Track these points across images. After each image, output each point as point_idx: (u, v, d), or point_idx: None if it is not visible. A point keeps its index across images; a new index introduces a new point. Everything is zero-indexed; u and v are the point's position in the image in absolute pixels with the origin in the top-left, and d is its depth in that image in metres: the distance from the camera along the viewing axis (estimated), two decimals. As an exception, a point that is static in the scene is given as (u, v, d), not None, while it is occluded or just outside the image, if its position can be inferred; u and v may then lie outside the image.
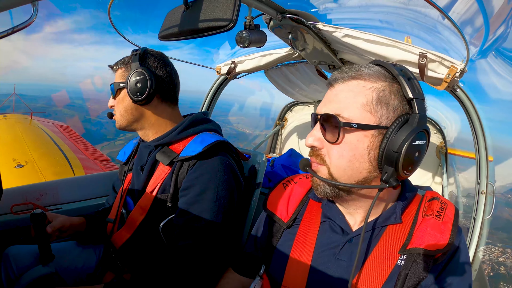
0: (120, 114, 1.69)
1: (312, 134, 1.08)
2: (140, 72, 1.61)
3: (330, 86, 1.10)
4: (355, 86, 1.03)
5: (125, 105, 1.67)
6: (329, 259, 1.11)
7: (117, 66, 1.72)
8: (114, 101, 1.71)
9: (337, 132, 1.02)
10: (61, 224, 1.63)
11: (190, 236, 1.45)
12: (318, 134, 1.06)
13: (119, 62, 1.73)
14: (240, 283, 1.36)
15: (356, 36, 1.74)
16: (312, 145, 1.08)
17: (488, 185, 1.86)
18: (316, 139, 1.07)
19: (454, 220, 1.05)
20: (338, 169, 1.04)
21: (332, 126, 1.04)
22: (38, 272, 1.56)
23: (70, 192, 2.22)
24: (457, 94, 1.85)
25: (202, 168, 1.52)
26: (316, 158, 1.08)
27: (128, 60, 1.70)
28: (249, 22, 1.48)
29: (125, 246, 1.64)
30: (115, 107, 1.71)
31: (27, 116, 10.06)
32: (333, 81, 1.09)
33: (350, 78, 1.05)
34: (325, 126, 1.06)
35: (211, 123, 1.76)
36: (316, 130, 1.07)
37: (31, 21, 0.87)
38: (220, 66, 3.02)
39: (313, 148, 1.09)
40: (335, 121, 1.02)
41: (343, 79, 1.06)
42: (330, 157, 1.04)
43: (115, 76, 1.72)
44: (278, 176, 2.74)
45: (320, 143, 1.06)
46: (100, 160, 7.51)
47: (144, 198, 1.62)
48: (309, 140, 1.08)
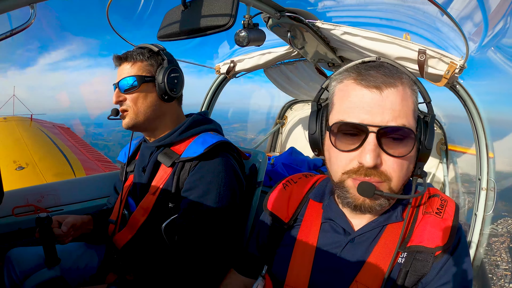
0: (139, 110, 1.61)
1: (370, 152, 0.92)
2: (176, 69, 1.63)
3: (376, 90, 0.95)
4: (403, 91, 0.97)
5: (149, 101, 1.62)
6: (331, 259, 1.11)
7: (136, 58, 1.63)
8: (126, 95, 1.61)
9: (408, 146, 0.96)
10: (73, 223, 1.64)
11: (193, 237, 1.45)
12: (377, 150, 0.93)
13: (135, 53, 1.63)
14: (242, 283, 1.36)
15: (355, 34, 1.73)
16: (376, 165, 0.94)
17: (489, 181, 1.86)
18: (377, 156, 0.93)
19: (454, 217, 1.05)
20: (399, 184, 0.99)
21: (399, 138, 0.95)
22: (43, 276, 1.56)
23: (71, 194, 2.22)
24: (457, 90, 1.85)
25: (204, 169, 1.52)
26: (379, 177, 0.96)
27: (149, 53, 1.64)
28: (247, 21, 1.48)
29: (127, 246, 1.64)
30: (129, 103, 1.61)
31: (27, 118, 10.06)
32: (385, 85, 0.95)
33: (397, 82, 0.97)
34: (387, 139, 0.95)
35: (212, 123, 1.76)
36: (372, 144, 0.92)
37: (29, 23, 0.87)
38: (219, 65, 3.02)
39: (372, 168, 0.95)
40: (408, 133, 0.95)
41: (390, 83, 0.95)
42: (393, 172, 0.96)
43: (128, 67, 1.62)
44: (279, 174, 2.74)
45: (381, 160, 0.95)
46: (101, 161, 7.51)
47: (146, 199, 1.61)
48: (370, 160, 0.92)
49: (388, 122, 0.93)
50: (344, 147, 0.98)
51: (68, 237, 1.62)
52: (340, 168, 1.00)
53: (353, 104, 0.97)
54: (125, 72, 1.60)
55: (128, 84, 1.59)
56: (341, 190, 1.02)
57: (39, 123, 9.92)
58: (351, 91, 0.98)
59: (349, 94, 0.99)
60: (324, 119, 1.08)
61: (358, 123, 0.94)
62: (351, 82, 1.00)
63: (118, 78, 1.63)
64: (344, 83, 1.02)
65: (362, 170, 0.96)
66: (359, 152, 0.95)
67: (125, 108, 1.62)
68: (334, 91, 1.06)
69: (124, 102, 1.61)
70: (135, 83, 1.59)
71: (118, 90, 1.61)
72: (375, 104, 0.94)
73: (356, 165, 0.97)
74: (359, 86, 0.97)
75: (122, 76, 1.60)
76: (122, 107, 1.62)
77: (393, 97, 0.94)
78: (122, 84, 1.60)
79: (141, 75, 1.59)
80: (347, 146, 0.98)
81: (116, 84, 1.62)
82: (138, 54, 1.62)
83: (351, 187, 0.99)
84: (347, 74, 1.03)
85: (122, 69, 1.62)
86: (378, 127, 0.92)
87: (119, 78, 1.61)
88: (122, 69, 1.62)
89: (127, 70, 1.61)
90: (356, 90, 0.97)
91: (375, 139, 0.92)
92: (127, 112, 1.62)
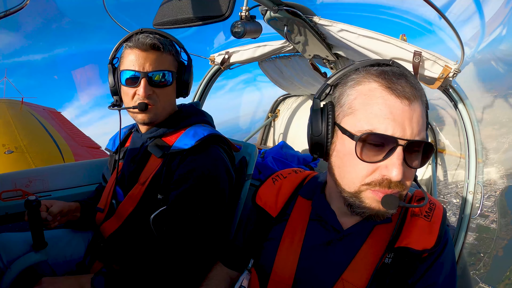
0: (163, 106, 1.57)
1: (398, 166, 0.90)
2: (191, 67, 1.63)
3: (406, 101, 0.92)
4: (422, 104, 0.96)
5: (171, 97, 1.62)
6: (318, 256, 1.12)
7: (169, 50, 1.55)
8: (155, 89, 1.53)
9: (428, 158, 0.97)
10: (60, 208, 1.62)
11: (181, 228, 1.45)
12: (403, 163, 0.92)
13: (168, 44, 1.54)
14: (228, 276, 1.36)
15: (351, 31, 1.74)
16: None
17: (476, 185, 1.88)
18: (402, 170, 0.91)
19: (442, 220, 1.07)
20: (407, 192, 1.00)
21: (420, 152, 0.95)
22: (30, 259, 1.54)
23: (60, 179, 2.20)
24: (450, 94, 1.86)
25: (194, 162, 1.52)
26: (400, 188, 0.94)
27: (171, 46, 1.58)
28: (244, 13, 1.47)
29: (113, 236, 1.64)
30: (156, 97, 1.53)
31: (18, 101, 9.90)
32: (413, 97, 0.93)
33: (421, 94, 0.96)
34: (410, 151, 0.93)
35: (203, 115, 1.75)
36: (401, 158, 0.90)
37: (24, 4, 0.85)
38: (214, 56, 3.00)
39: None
40: (431, 148, 0.96)
41: (417, 96, 0.94)
42: (408, 182, 0.96)
43: (159, 59, 1.51)
44: (269, 168, 2.75)
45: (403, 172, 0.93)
46: (90, 147, 7.43)
47: (135, 189, 1.61)
48: (399, 174, 0.90)
49: (415, 135, 0.91)
50: (368, 158, 0.94)
51: (54, 222, 1.60)
52: (359, 178, 0.96)
53: (383, 113, 0.92)
54: (157, 63, 1.51)
55: (163, 79, 1.52)
56: (356, 200, 0.99)
57: (30, 106, 9.76)
58: (380, 98, 0.93)
59: (378, 102, 0.93)
60: (331, 120, 1.02)
61: (391, 135, 0.90)
62: (378, 88, 0.94)
63: (144, 66, 1.49)
64: (366, 87, 0.96)
65: (386, 183, 0.93)
66: (384, 164, 0.93)
67: (151, 102, 1.53)
68: (349, 93, 1.00)
69: (151, 96, 1.52)
70: (169, 78, 1.53)
71: (147, 83, 1.49)
72: (406, 117, 0.91)
73: (379, 177, 0.94)
74: (389, 95, 0.92)
75: (154, 68, 1.50)
76: (146, 100, 1.52)
77: (419, 110, 0.93)
78: (155, 77, 1.50)
79: (173, 71, 1.56)
80: (371, 157, 0.93)
81: (145, 74, 1.49)
82: (170, 45, 1.56)
83: (370, 198, 0.96)
84: (368, 76, 0.98)
85: (152, 59, 1.50)
86: (407, 141, 0.90)
87: (151, 68, 1.50)
88: (152, 59, 1.50)
89: (159, 61, 1.51)
90: (386, 99, 0.92)
91: (403, 152, 0.90)
92: (151, 107, 1.53)
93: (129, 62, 1.50)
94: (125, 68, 1.51)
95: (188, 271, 1.47)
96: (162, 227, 1.49)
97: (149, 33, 1.54)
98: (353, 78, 1.01)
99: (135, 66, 1.48)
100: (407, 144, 0.90)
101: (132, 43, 1.50)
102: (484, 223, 22.55)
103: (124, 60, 1.53)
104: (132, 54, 1.50)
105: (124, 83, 1.52)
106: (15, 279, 1.48)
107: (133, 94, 1.52)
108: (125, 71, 1.50)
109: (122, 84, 1.54)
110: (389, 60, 1.04)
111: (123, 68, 1.52)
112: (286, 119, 4.25)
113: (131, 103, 1.53)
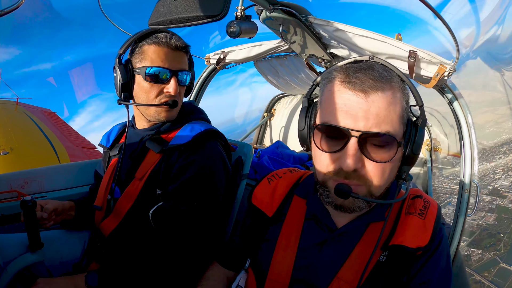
0: (180, 104, 1.64)
1: (350, 156, 0.93)
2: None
3: (363, 94, 0.94)
4: (391, 96, 0.96)
5: (182, 97, 1.67)
6: (314, 254, 1.13)
7: (188, 52, 1.63)
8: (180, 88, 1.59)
9: (390, 152, 0.96)
10: (54, 208, 1.62)
11: (179, 220, 1.46)
12: (358, 154, 0.94)
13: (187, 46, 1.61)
14: (225, 276, 1.36)
15: (347, 31, 1.74)
16: (356, 169, 0.95)
17: (471, 184, 1.89)
18: (358, 161, 0.94)
19: (436, 218, 1.08)
20: (379, 187, 1.00)
21: (381, 144, 0.95)
22: (26, 260, 1.53)
23: (56, 180, 2.19)
24: (445, 93, 1.87)
25: (192, 156, 1.53)
26: (358, 180, 0.97)
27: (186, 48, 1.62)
28: (240, 12, 1.47)
29: (113, 234, 1.64)
30: (180, 96, 1.62)
31: (13, 102, 9.82)
32: (372, 89, 0.94)
33: (386, 86, 0.95)
34: (368, 144, 0.95)
35: (200, 113, 1.77)
36: (353, 149, 0.93)
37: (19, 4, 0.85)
38: (209, 56, 2.99)
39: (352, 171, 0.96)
40: (390, 140, 0.95)
41: (378, 88, 0.94)
42: (373, 176, 0.97)
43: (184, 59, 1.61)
44: (265, 168, 2.75)
45: (361, 164, 0.96)
46: (86, 147, 7.39)
47: (132, 185, 1.61)
48: (350, 164, 0.93)
49: (371, 128, 0.93)
50: (326, 148, 0.99)
51: (50, 221, 1.60)
52: (323, 168, 1.01)
53: (338, 106, 0.96)
54: (183, 64, 1.58)
55: (186, 79, 1.60)
56: (323, 190, 1.04)
57: (24, 107, 9.69)
58: (337, 92, 0.98)
59: (335, 96, 0.98)
60: (312, 116, 1.09)
61: (341, 127, 0.94)
62: (338, 83, 0.99)
63: (173, 64, 1.54)
64: (332, 83, 1.01)
65: (343, 173, 0.97)
66: (340, 155, 0.96)
67: (179, 100, 1.61)
68: (323, 90, 1.05)
69: (177, 94, 1.58)
70: (188, 78, 1.61)
71: (177, 82, 1.55)
72: (360, 109, 0.93)
73: (337, 167, 0.98)
74: (345, 89, 0.96)
75: (181, 67, 1.57)
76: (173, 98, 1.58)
77: (379, 103, 0.93)
78: (182, 77, 1.57)
79: (190, 72, 1.63)
80: (329, 147, 0.99)
81: (175, 73, 1.55)
82: (187, 47, 1.61)
83: (332, 187, 0.99)
84: (336, 73, 1.01)
85: (179, 58, 1.57)
86: (361, 132, 0.92)
87: (179, 68, 1.56)
88: (179, 58, 1.57)
89: (184, 62, 1.60)
90: (342, 93, 0.97)
91: (357, 143, 0.93)
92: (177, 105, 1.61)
93: (157, 59, 1.51)
94: (153, 64, 1.51)
95: (185, 267, 1.47)
96: (161, 221, 1.49)
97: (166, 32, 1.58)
98: (326, 76, 1.05)
99: (165, 64, 1.51)
100: (362, 136, 0.93)
101: (161, 41, 1.51)
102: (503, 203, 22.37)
103: (147, 57, 1.52)
104: (160, 52, 1.51)
105: (149, 79, 1.52)
106: (11, 280, 1.47)
107: (158, 91, 1.54)
108: (153, 68, 1.51)
109: (145, 80, 1.53)
110: (368, 56, 1.06)
111: (148, 64, 1.51)
112: (282, 119, 4.26)
113: (154, 100, 1.55)
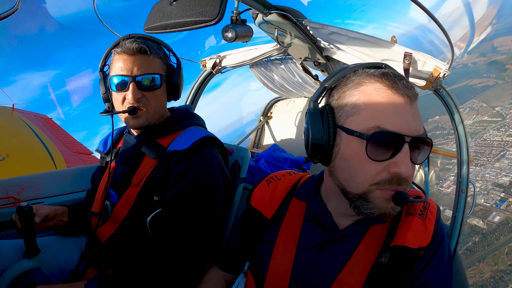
0: (154, 110, 1.58)
1: (407, 162, 0.92)
2: (180, 69, 1.66)
3: (408, 100, 0.94)
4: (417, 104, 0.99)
5: (162, 100, 1.63)
6: (313, 256, 1.12)
7: (157, 53, 1.57)
8: (145, 93, 1.53)
9: (427, 154, 0.98)
10: (46, 213, 1.61)
11: (178, 227, 1.45)
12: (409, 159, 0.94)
13: (156, 47, 1.56)
14: (224, 279, 1.36)
15: (342, 34, 1.75)
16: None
17: (468, 184, 1.89)
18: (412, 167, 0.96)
19: (436, 218, 1.08)
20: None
21: (422, 148, 0.97)
22: (22, 266, 1.52)
23: (52, 186, 2.18)
24: (440, 94, 1.88)
25: (190, 162, 1.52)
26: (407, 185, 0.96)
27: (159, 49, 1.59)
28: (235, 16, 1.48)
29: (110, 240, 1.63)
30: (146, 101, 1.54)
31: (9, 108, 9.78)
32: (413, 96, 0.95)
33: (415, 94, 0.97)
34: (413, 148, 0.95)
35: (196, 118, 1.77)
36: (409, 155, 0.93)
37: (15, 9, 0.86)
38: (205, 60, 3.00)
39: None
40: (431, 143, 0.98)
41: (415, 95, 0.96)
42: (411, 179, 0.97)
43: (147, 62, 1.53)
44: (261, 171, 2.75)
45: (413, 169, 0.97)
46: (82, 153, 7.38)
47: (129, 191, 1.60)
48: (409, 170, 0.93)
49: (418, 132, 0.94)
50: (377, 157, 0.93)
51: (41, 226, 1.61)
52: (368, 179, 0.95)
53: (389, 111, 0.93)
54: (145, 67, 1.52)
55: (152, 82, 1.53)
56: (363, 201, 0.98)
57: (20, 113, 9.64)
58: (386, 97, 0.94)
59: (383, 101, 0.94)
60: (332, 122, 1.01)
61: (398, 132, 0.91)
62: (382, 87, 0.95)
63: (132, 70, 1.50)
64: (373, 87, 0.96)
65: (395, 180, 0.93)
66: (392, 162, 0.93)
67: (141, 106, 1.54)
68: (354, 93, 0.99)
69: (140, 100, 1.53)
70: (158, 81, 1.55)
71: (136, 87, 1.50)
72: (409, 114, 0.93)
73: (387, 175, 0.93)
74: (394, 94, 0.94)
75: (143, 71, 1.51)
76: (136, 104, 1.52)
77: (418, 109, 0.96)
78: (144, 81, 1.52)
79: (163, 74, 1.58)
80: (380, 155, 0.93)
81: (133, 78, 1.50)
82: (158, 49, 1.57)
83: (379, 197, 0.95)
84: (370, 78, 0.98)
85: (139, 62, 1.51)
86: (412, 137, 0.92)
87: (139, 72, 1.51)
88: (139, 62, 1.51)
89: (148, 65, 1.53)
90: (391, 98, 0.94)
91: (408, 148, 0.92)
92: (141, 111, 1.54)
93: (117, 68, 1.52)
94: (114, 73, 1.53)
95: (184, 273, 1.46)
96: (161, 229, 1.48)
97: (136, 38, 1.56)
98: (353, 79, 1.00)
99: (123, 71, 1.50)
100: (412, 141, 0.92)
101: (120, 49, 1.52)
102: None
103: (113, 66, 1.56)
104: (120, 60, 1.52)
105: (114, 88, 1.54)
106: (8, 287, 1.46)
107: (123, 99, 1.54)
108: (114, 77, 1.52)
109: (112, 90, 1.56)
110: (382, 64, 1.05)
111: (112, 74, 1.54)
112: (279, 122, 4.26)
113: (122, 108, 1.54)
